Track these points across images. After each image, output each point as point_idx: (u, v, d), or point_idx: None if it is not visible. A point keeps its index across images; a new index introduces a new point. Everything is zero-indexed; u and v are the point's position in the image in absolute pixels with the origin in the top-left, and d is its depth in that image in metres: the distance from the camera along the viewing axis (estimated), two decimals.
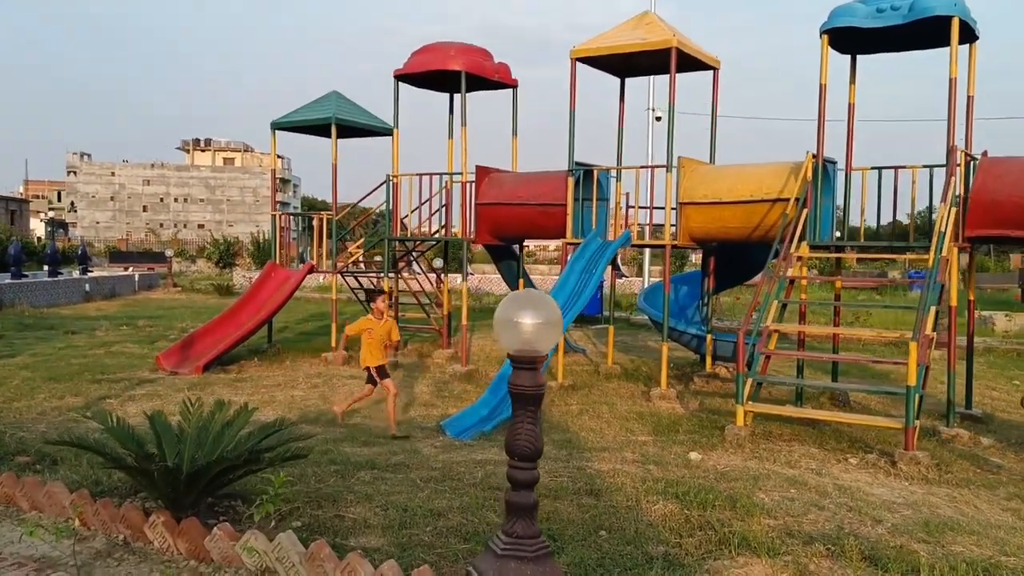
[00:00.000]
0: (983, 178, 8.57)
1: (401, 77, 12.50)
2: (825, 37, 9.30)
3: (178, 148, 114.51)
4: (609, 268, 12.17)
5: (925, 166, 9.77)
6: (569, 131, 10.95)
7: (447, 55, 11.84)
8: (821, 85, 9.41)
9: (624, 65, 11.57)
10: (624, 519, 5.45)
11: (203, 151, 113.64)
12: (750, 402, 8.12)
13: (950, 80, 8.73)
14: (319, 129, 14.05)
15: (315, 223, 13.73)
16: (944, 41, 9.23)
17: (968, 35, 9.02)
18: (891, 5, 8.97)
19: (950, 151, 8.61)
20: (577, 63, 10.88)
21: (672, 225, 10.61)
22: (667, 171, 10.25)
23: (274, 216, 13.90)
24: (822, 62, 9.37)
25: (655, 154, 22.43)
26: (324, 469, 6.49)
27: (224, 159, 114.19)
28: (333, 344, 13.42)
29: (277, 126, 13.73)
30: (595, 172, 11.01)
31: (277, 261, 13.76)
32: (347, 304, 17.74)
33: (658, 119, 21.02)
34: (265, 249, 38.26)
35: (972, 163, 9.11)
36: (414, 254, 14.62)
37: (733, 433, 7.90)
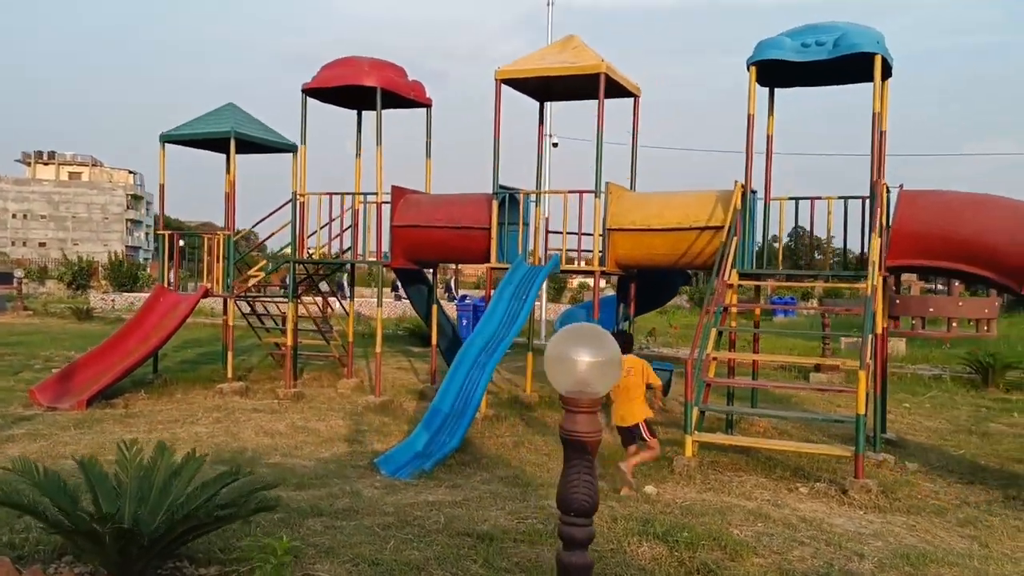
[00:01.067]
0: (905, 210, 8.87)
1: (309, 92, 11.84)
2: (753, 69, 9.42)
3: (18, 160, 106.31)
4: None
5: (840, 197, 10.09)
6: (493, 153, 10.64)
7: (361, 70, 11.30)
8: (749, 116, 9.52)
9: (545, 88, 11.40)
10: (615, 564, 5.14)
11: (46, 164, 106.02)
12: (696, 432, 8.00)
13: (873, 115, 9.03)
14: (212, 144, 13.13)
15: (207, 244, 12.77)
16: (863, 77, 9.58)
17: (885, 73, 9.37)
18: (816, 40, 9.20)
19: (875, 183, 8.88)
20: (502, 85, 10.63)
21: (599, 251, 10.46)
22: (595, 197, 10.12)
23: (161, 235, 12.83)
24: (750, 93, 9.49)
25: (551, 179, 22.56)
26: (266, 517, 5.83)
27: (70, 173, 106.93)
28: (229, 375, 12.47)
29: (167, 139, 12.71)
30: (521, 196, 10.76)
31: (166, 284, 12.68)
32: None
33: (554, 145, 21.17)
34: (125, 271, 35.86)
35: (887, 195, 9.45)
36: (315, 277, 13.85)
37: (682, 464, 7.75)
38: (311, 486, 7.06)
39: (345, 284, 27.74)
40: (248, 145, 12.89)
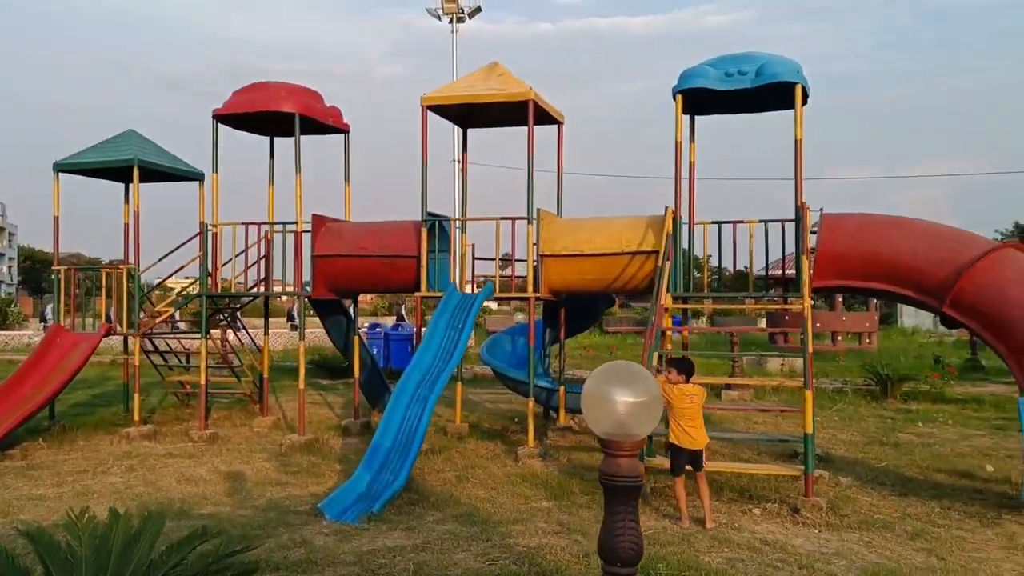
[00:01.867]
0: (828, 233, 9.18)
1: (221, 118, 11.32)
2: (679, 97, 9.60)
3: None
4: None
5: (761, 220, 10.40)
6: (421, 180, 10.44)
7: (278, 96, 10.88)
8: (676, 143, 9.70)
9: (470, 115, 11.31)
10: None
11: None
12: (646, 458, 7.98)
13: (796, 141, 9.34)
14: (113, 173, 12.38)
15: (104, 279, 11.97)
16: (782, 105, 9.94)
17: (804, 100, 9.73)
18: (739, 70, 9.45)
19: (801, 207, 9.17)
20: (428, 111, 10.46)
21: (522, 276, 10.40)
22: (528, 223, 10.05)
23: (57, 271, 11.93)
24: (677, 121, 9.67)
25: (457, 204, 22.47)
26: None
27: None
28: (135, 418, 11.68)
29: (62, 168, 11.86)
30: (452, 223, 10.58)
31: (62, 323, 11.78)
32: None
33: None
34: None
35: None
36: (226, 312, 13.22)
37: None
38: (256, 537, 6.61)
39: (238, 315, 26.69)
40: (151, 174, 12.20)
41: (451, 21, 21.34)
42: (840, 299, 25.72)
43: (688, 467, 7.27)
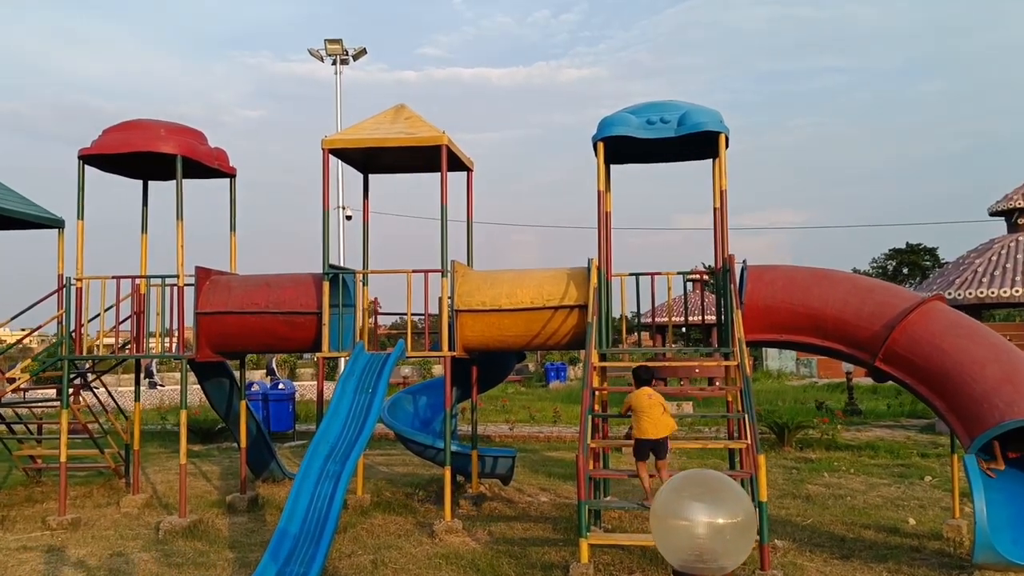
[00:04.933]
0: (755, 286, 8.94)
1: (88, 158, 10.06)
2: (600, 145, 9.22)
3: None
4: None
5: (679, 273, 10.12)
6: (323, 229, 9.55)
7: (157, 135, 9.76)
8: (599, 192, 9.30)
9: (372, 160, 10.53)
10: None
11: None
12: (594, 530, 7.33)
13: (720, 192, 9.13)
14: None
15: None
16: (704, 154, 9.75)
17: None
18: (661, 118, 9.17)
19: (728, 258, 8.89)
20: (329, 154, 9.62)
21: (434, 333, 9.67)
22: (442, 276, 9.33)
23: None
24: (599, 170, 9.28)
25: (347, 255, 21.40)
26: None
27: None
28: None
29: None
30: (357, 276, 9.71)
31: None
32: None
33: (348, 218, 20.07)
34: None
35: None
36: (88, 376, 11.72)
37: (579, 572, 7.02)
38: None
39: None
40: (2, 221, 10.72)
41: (334, 63, 20.63)
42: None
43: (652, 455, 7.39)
